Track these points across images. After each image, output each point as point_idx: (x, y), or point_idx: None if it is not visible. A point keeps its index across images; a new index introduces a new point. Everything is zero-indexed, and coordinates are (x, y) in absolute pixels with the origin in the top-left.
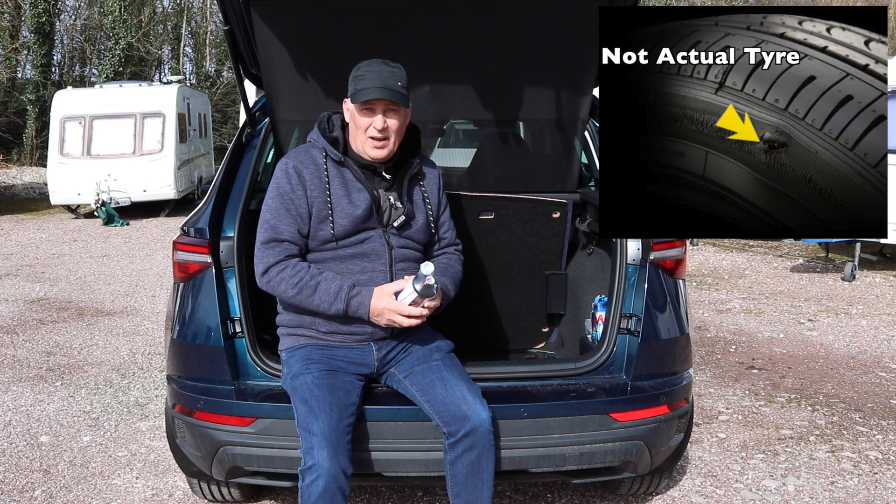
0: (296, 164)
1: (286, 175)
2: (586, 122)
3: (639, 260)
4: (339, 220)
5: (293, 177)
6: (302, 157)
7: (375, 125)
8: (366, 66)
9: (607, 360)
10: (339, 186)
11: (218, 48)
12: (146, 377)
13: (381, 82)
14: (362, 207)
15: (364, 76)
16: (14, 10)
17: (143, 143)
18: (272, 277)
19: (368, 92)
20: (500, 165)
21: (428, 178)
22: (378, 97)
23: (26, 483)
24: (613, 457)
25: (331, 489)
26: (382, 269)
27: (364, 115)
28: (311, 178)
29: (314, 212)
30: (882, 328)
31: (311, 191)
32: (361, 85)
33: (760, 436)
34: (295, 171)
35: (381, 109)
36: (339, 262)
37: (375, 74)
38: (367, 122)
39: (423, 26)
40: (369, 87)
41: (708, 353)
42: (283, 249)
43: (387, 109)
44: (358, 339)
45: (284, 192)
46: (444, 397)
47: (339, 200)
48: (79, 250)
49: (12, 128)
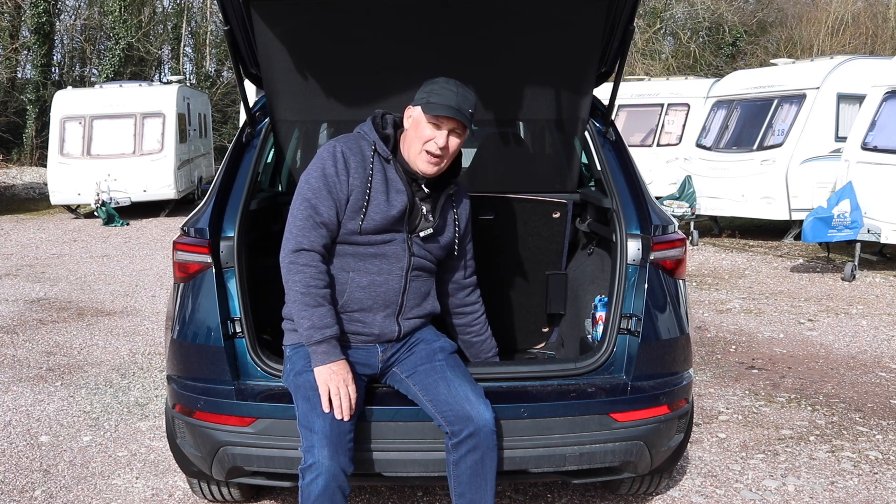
0: (344, 148)
1: (333, 158)
2: (586, 122)
3: (639, 260)
4: (372, 214)
5: (340, 161)
6: (352, 144)
7: (438, 142)
8: (444, 82)
9: (607, 360)
10: (381, 182)
11: (218, 48)
12: (146, 377)
13: (456, 103)
14: (397, 209)
15: (440, 92)
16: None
17: (143, 143)
18: (297, 261)
19: (444, 108)
20: (500, 165)
21: (462, 205)
22: (452, 116)
23: (26, 483)
24: (613, 457)
25: (331, 488)
26: (398, 274)
27: (430, 127)
28: (357, 166)
29: (351, 200)
30: (882, 328)
31: (353, 178)
32: (437, 99)
33: (760, 436)
34: (342, 156)
35: (447, 128)
36: (358, 259)
37: (452, 94)
38: (430, 135)
39: (423, 26)
40: (445, 103)
41: (708, 353)
42: (319, 235)
43: (452, 130)
44: (364, 340)
45: (329, 174)
46: (447, 397)
47: (377, 196)
48: (79, 250)
49: (12, 128)
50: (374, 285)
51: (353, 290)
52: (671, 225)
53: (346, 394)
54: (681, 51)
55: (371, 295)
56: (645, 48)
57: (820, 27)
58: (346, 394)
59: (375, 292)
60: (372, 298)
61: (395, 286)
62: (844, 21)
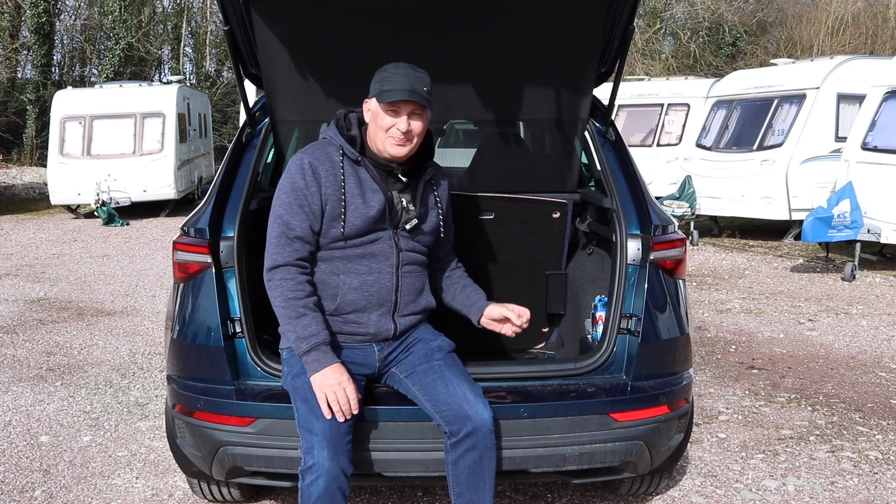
0: (311, 160)
1: (301, 171)
2: (586, 122)
3: (639, 260)
4: (352, 219)
5: (308, 173)
6: (318, 153)
7: (399, 127)
8: (393, 68)
9: (607, 360)
10: (354, 185)
11: (218, 48)
12: (146, 377)
13: (408, 85)
14: (376, 208)
15: (391, 78)
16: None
17: (143, 143)
18: (274, 277)
19: (396, 93)
20: (500, 165)
21: (441, 186)
22: (406, 98)
23: (26, 483)
24: (613, 457)
25: (331, 489)
26: (389, 271)
27: (389, 115)
28: (327, 175)
29: (327, 209)
30: (882, 328)
31: (325, 188)
32: (389, 86)
33: (760, 436)
34: (310, 167)
35: (406, 112)
36: (346, 261)
37: (403, 77)
38: (390, 123)
39: (424, 26)
40: (397, 88)
41: (708, 353)
42: (293, 250)
43: (412, 112)
44: (360, 340)
45: (298, 187)
46: (445, 397)
47: (353, 199)
48: (79, 250)
49: (12, 128)
50: (366, 285)
51: (346, 293)
52: (671, 225)
53: (343, 396)
54: (681, 51)
55: (364, 295)
56: (645, 48)
57: (820, 27)
58: (344, 396)
59: (368, 292)
60: (365, 299)
61: (387, 284)
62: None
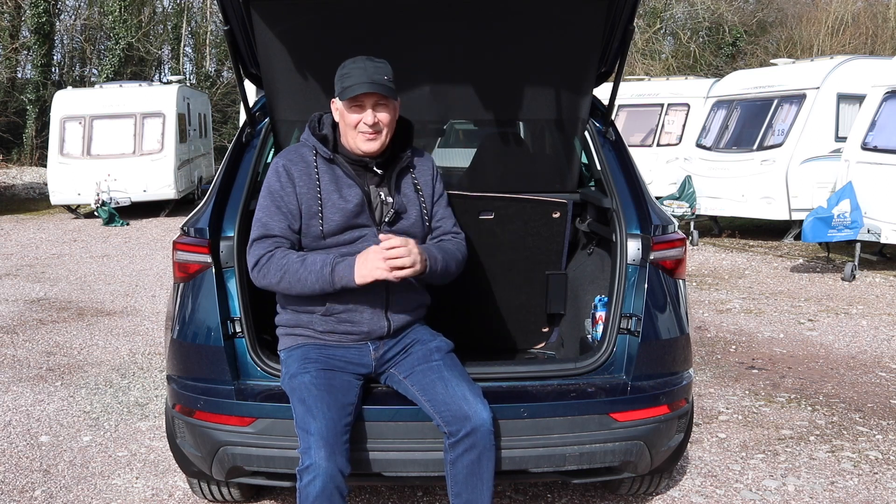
0: (285, 162)
1: (276, 174)
2: (586, 122)
3: (639, 260)
4: (330, 215)
5: (282, 175)
6: (292, 155)
7: (366, 120)
8: (351, 63)
9: (607, 360)
10: (330, 182)
11: (218, 48)
12: (146, 377)
13: (367, 77)
14: (353, 202)
15: (350, 73)
16: (14, 10)
17: (143, 143)
18: (262, 266)
19: (356, 88)
20: (500, 165)
21: (420, 170)
22: (366, 91)
23: (26, 483)
24: (613, 457)
25: (328, 489)
26: None
27: (353, 111)
28: (301, 175)
29: (304, 208)
30: (882, 328)
31: (300, 188)
32: (348, 82)
33: (760, 436)
34: (284, 170)
35: (370, 104)
36: None
37: (361, 71)
38: (356, 119)
39: (424, 26)
40: (356, 83)
41: (708, 353)
42: (272, 243)
43: (376, 104)
44: (355, 339)
45: (274, 190)
46: (444, 397)
47: (329, 196)
48: (79, 250)
49: (12, 128)
50: None
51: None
52: (671, 225)
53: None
54: (681, 51)
55: (354, 294)
56: (645, 48)
57: (820, 27)
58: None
59: (358, 291)
60: (355, 297)
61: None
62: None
